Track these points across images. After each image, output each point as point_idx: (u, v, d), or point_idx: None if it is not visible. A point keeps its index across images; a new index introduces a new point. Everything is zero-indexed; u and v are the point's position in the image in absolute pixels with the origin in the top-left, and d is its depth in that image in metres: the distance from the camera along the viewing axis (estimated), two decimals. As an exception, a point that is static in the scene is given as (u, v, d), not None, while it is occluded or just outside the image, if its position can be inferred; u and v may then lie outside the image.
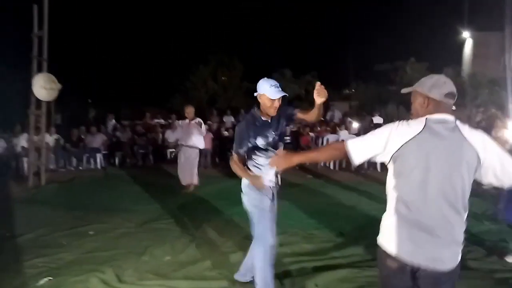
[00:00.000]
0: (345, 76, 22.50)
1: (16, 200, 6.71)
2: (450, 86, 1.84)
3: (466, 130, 1.78)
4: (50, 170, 9.09)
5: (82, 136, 11.05)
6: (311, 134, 11.71)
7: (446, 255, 1.77)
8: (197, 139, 7.13)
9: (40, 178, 8.01)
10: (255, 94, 2.90)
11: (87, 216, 5.41)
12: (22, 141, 9.63)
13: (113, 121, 12.84)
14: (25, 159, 9.28)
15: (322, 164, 10.38)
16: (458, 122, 1.79)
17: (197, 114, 7.43)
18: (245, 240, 4.32)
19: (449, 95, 1.82)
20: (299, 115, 3.06)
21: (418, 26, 20.58)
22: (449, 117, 1.80)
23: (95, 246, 4.22)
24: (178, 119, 14.52)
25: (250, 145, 2.88)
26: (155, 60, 21.58)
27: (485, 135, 1.81)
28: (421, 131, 1.75)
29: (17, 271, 3.56)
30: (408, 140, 1.74)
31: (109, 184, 8.21)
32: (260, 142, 2.88)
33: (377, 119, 12.58)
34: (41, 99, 7.74)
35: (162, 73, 21.08)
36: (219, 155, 11.38)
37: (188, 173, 7.10)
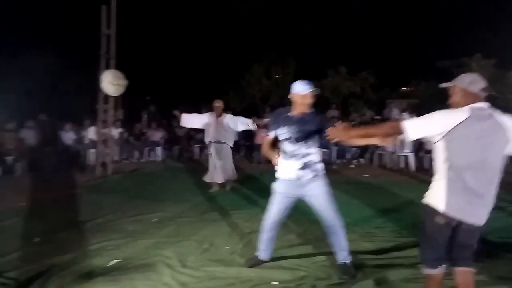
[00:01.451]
0: (403, 73, 21.55)
1: (85, 188, 7.18)
2: (484, 83, 2.32)
3: (498, 115, 2.28)
4: (115, 161, 9.67)
5: (144, 130, 11.62)
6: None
7: (484, 213, 2.29)
8: (226, 135, 6.72)
9: (106, 168, 8.56)
10: (289, 96, 3.25)
11: (150, 204, 5.70)
12: (90, 134, 10.34)
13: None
14: (92, 151, 9.96)
15: (378, 162, 10.09)
16: (492, 109, 2.28)
17: (250, 111, 7.38)
18: (304, 233, 4.35)
19: (483, 89, 2.31)
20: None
21: (485, 21, 19.22)
22: (485, 106, 2.29)
23: (158, 233, 4.42)
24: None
25: (278, 131, 3.25)
26: (211, 60, 22.11)
27: None
28: (468, 116, 2.23)
29: (89, 252, 3.82)
30: (458, 123, 2.22)
31: (168, 176, 8.57)
32: (284, 132, 3.20)
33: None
34: (109, 94, 8.25)
35: (217, 72, 21.56)
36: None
37: (221, 170, 6.68)
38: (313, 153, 3.24)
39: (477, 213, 2.27)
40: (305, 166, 3.19)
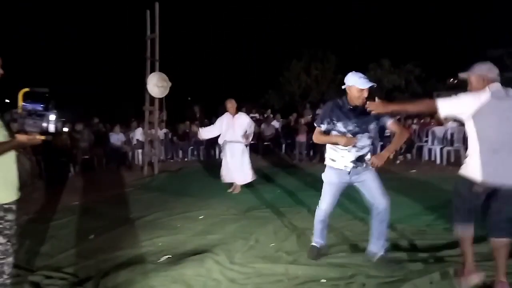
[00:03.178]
0: (451, 64, 20.51)
1: (134, 186, 7.47)
2: (496, 69, 2.75)
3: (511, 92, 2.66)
4: (161, 161, 9.97)
5: (187, 130, 11.90)
6: (414, 126, 10.98)
7: None
8: (241, 134, 6.50)
9: (153, 168, 8.86)
10: (343, 86, 3.19)
11: (196, 202, 5.84)
12: (137, 135, 10.74)
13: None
14: (139, 151, 10.35)
15: (426, 158, 9.71)
16: (505, 89, 2.66)
17: (290, 108, 7.29)
18: (350, 230, 4.27)
19: (498, 74, 2.74)
20: (391, 127, 3.28)
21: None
22: (500, 87, 2.67)
23: (205, 230, 4.52)
24: (273, 113, 14.93)
25: (330, 125, 3.22)
26: (250, 58, 22.25)
27: None
28: (491, 95, 2.62)
29: (140, 248, 3.96)
30: (484, 103, 2.61)
31: (212, 174, 8.71)
32: (340, 126, 3.18)
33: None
34: (154, 96, 8.53)
35: (256, 70, 21.65)
36: (312, 148, 11.32)
37: (238, 170, 6.51)
38: (367, 145, 3.25)
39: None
40: (359, 159, 3.22)
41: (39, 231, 4.59)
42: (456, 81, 21.45)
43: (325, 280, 3.09)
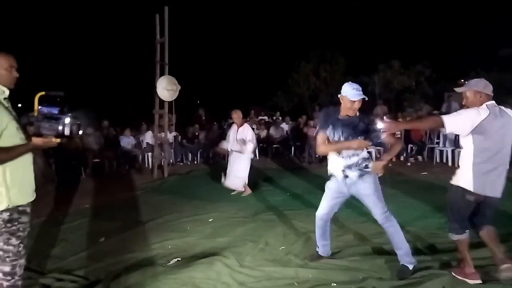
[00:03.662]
0: (462, 64, 20.27)
1: (144, 189, 7.51)
2: (491, 86, 2.93)
3: (505, 109, 2.91)
4: (170, 164, 10.01)
5: (196, 133, 11.93)
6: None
7: (502, 188, 2.91)
8: (243, 144, 6.55)
9: (163, 171, 8.89)
10: (339, 95, 3.22)
11: (205, 205, 5.85)
12: (147, 138, 10.80)
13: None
14: (149, 154, 10.40)
15: (438, 159, 9.59)
16: (498, 107, 2.90)
17: (299, 110, 7.26)
18: (362, 233, 4.23)
19: (492, 91, 2.92)
20: (386, 140, 3.20)
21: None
22: (495, 104, 2.91)
23: (215, 233, 4.52)
24: (282, 116, 14.93)
25: (328, 131, 3.22)
26: (258, 60, 22.24)
27: None
28: (489, 113, 2.81)
29: (150, 251, 3.98)
30: (484, 119, 2.79)
31: (221, 177, 8.71)
32: (333, 133, 3.20)
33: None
34: (164, 99, 8.57)
35: (265, 72, 21.62)
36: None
37: (231, 177, 6.66)
38: (359, 154, 3.20)
39: (499, 188, 2.90)
40: (350, 166, 3.19)
41: (50, 234, 4.65)
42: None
43: (335, 284, 3.07)
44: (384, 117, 3.05)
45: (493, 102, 2.90)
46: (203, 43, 22.63)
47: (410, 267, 3.17)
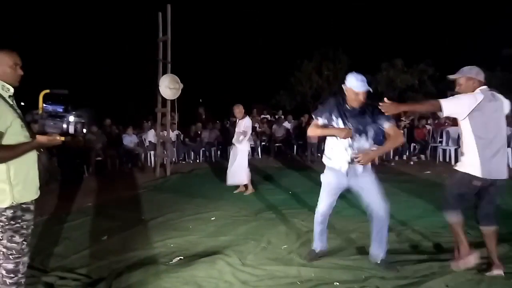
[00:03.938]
0: (465, 62, 20.16)
1: (146, 188, 7.50)
2: (483, 73, 3.04)
3: (496, 93, 3.02)
4: (173, 162, 10.01)
5: (199, 132, 11.94)
6: (428, 126, 10.83)
7: (506, 169, 2.99)
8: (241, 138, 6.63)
9: (165, 169, 8.90)
10: (343, 86, 3.17)
11: (207, 203, 5.85)
12: (149, 136, 10.82)
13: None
14: (152, 152, 10.42)
15: (441, 158, 9.56)
16: (491, 91, 3.00)
17: (301, 109, 7.28)
18: (359, 233, 4.21)
19: (484, 77, 3.04)
20: (388, 130, 3.20)
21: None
22: (487, 88, 3.01)
23: (217, 231, 4.52)
24: (284, 114, 14.90)
25: (328, 121, 3.21)
26: (260, 59, 22.21)
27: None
28: (483, 97, 2.92)
29: (152, 250, 3.97)
30: (479, 103, 2.90)
31: (223, 176, 8.71)
32: (338, 123, 3.17)
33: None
34: (166, 98, 8.58)
35: (267, 71, 21.60)
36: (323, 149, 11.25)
37: (230, 170, 6.70)
38: (365, 146, 3.19)
39: (504, 170, 2.97)
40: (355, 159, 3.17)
41: (53, 232, 4.65)
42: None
43: (338, 283, 3.05)
44: (385, 98, 2.98)
45: (486, 86, 3.00)
46: (205, 42, 22.64)
47: (388, 258, 3.30)
